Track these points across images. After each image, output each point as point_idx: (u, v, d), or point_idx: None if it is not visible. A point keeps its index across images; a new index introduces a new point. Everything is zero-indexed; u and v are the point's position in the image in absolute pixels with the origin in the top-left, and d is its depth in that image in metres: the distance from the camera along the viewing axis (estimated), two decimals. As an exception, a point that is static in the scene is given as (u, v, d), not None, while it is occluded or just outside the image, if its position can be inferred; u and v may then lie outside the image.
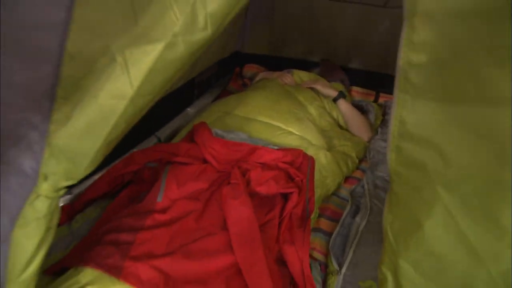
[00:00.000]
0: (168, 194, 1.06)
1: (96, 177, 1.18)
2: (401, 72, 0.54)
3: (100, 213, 1.15)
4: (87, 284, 0.80)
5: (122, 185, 1.20)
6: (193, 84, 1.87)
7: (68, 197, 1.14)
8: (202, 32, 0.54)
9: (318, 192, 1.24)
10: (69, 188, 0.76)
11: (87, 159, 0.64)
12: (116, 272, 0.82)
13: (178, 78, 0.82)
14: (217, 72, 2.19)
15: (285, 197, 1.12)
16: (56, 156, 0.64)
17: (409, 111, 0.55)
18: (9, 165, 0.66)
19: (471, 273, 0.55)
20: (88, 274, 0.82)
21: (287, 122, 1.42)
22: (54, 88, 0.64)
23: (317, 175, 1.27)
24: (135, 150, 1.35)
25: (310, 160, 1.27)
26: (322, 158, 1.34)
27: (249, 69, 2.37)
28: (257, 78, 2.01)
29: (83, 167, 0.64)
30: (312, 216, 1.16)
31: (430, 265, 0.59)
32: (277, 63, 2.27)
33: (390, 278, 0.64)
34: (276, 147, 1.26)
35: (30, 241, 0.65)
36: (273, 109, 1.46)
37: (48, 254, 0.70)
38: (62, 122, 0.63)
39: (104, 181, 1.14)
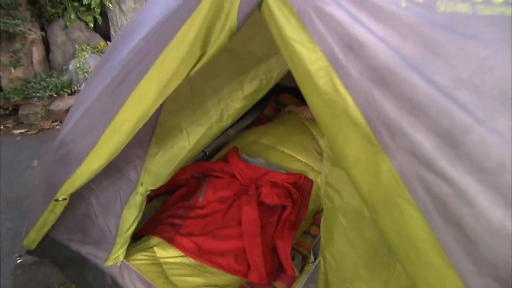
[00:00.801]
0: (206, 197, 1.62)
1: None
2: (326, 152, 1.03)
3: (161, 204, 1.74)
4: (154, 245, 1.38)
5: (176, 187, 1.78)
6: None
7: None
8: (225, 122, 1.08)
9: (311, 206, 1.72)
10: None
11: (164, 176, 1.22)
12: (170, 241, 1.40)
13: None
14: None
15: (284, 207, 1.62)
16: (148, 173, 1.22)
17: (329, 171, 1.04)
18: (123, 175, 1.26)
19: (356, 263, 1.02)
20: (155, 240, 1.40)
21: (297, 152, 1.91)
22: (151, 137, 1.22)
23: (313, 194, 1.75)
24: (188, 163, 1.94)
25: (309, 182, 1.75)
26: (319, 181, 1.81)
27: (283, 98, 2.86)
28: (286, 110, 2.51)
29: (162, 180, 1.22)
30: (303, 223, 1.65)
31: (337, 256, 1.07)
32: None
33: (322, 260, 1.13)
34: (284, 171, 1.77)
35: (131, 216, 1.24)
36: (289, 141, 1.97)
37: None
38: (152, 156, 1.21)
39: (166, 184, 1.73)
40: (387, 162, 0.60)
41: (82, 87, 2.87)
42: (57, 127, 2.84)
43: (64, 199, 1.19)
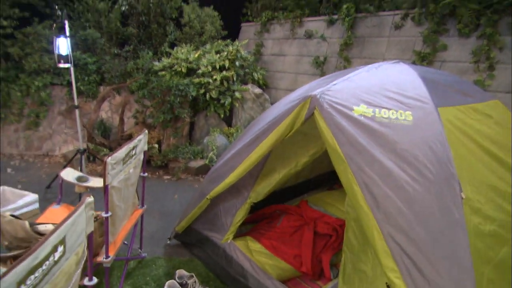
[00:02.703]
0: (282, 223, 2.58)
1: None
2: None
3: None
4: (249, 240, 2.37)
5: (265, 217, 2.78)
6: (309, 181, 3.41)
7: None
8: (298, 168, 2.13)
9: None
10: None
11: (262, 195, 2.27)
12: (258, 239, 2.36)
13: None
14: (328, 176, 3.68)
15: (330, 236, 2.46)
16: (254, 192, 2.29)
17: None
18: (240, 193, 2.34)
19: (358, 249, 1.86)
20: (249, 238, 2.39)
21: (342, 206, 2.76)
22: (259, 173, 2.31)
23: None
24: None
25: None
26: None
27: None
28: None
29: (261, 197, 2.27)
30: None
31: (349, 247, 1.91)
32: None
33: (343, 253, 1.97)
34: (334, 216, 2.63)
35: (240, 216, 2.28)
36: (339, 202, 2.84)
37: (242, 222, 2.33)
38: (258, 184, 2.29)
39: (259, 213, 2.75)
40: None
41: (210, 154, 4.26)
42: (189, 178, 4.19)
43: (208, 199, 2.30)
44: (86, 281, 1.45)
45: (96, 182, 2.47)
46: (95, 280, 1.46)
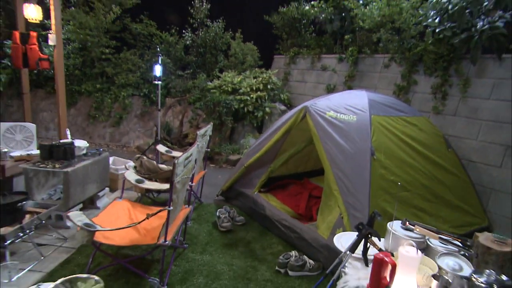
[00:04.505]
0: (290, 190, 4.05)
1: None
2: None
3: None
4: (268, 195, 3.86)
5: (279, 185, 4.26)
6: (311, 171, 4.86)
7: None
8: (297, 150, 3.63)
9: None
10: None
11: (277, 167, 3.78)
12: (274, 195, 3.85)
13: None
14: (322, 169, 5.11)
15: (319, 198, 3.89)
16: (273, 164, 3.80)
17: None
18: (264, 165, 3.86)
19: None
20: (268, 194, 3.89)
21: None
22: (276, 153, 3.81)
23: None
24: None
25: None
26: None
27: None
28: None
29: (277, 168, 3.78)
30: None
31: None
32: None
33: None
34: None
35: (264, 176, 3.78)
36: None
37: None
38: (276, 159, 3.81)
39: (276, 184, 4.25)
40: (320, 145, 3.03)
41: (244, 150, 5.80)
42: (228, 167, 5.74)
43: (245, 167, 3.83)
44: (162, 241, 2.35)
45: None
46: (168, 242, 2.47)
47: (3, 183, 3.48)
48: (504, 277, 1.35)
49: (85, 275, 1.68)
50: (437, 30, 4.25)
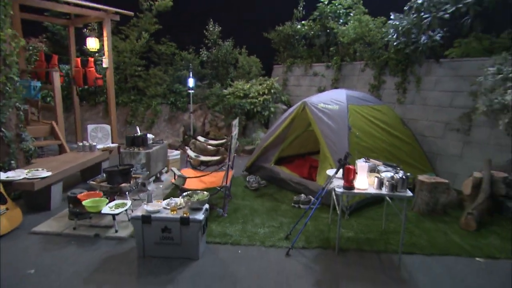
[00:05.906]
0: (296, 162, 5.62)
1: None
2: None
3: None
4: (282, 166, 5.44)
5: (288, 161, 5.84)
6: (313, 152, 6.43)
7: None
8: (300, 133, 5.20)
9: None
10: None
11: (286, 146, 5.36)
12: (286, 167, 5.42)
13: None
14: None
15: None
16: (283, 145, 5.38)
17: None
18: (276, 146, 5.44)
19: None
20: (282, 166, 5.46)
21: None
22: (284, 138, 5.40)
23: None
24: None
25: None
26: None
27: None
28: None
29: (286, 147, 5.36)
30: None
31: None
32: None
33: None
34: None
35: (277, 154, 5.36)
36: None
37: (278, 157, 5.45)
38: (284, 142, 5.39)
39: (287, 160, 5.82)
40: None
41: (256, 142, 7.35)
42: (244, 155, 7.28)
43: (264, 147, 5.40)
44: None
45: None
46: (228, 185, 4.53)
47: (97, 165, 5.03)
48: (401, 173, 2.95)
49: (198, 190, 3.23)
50: (395, 43, 5.89)
